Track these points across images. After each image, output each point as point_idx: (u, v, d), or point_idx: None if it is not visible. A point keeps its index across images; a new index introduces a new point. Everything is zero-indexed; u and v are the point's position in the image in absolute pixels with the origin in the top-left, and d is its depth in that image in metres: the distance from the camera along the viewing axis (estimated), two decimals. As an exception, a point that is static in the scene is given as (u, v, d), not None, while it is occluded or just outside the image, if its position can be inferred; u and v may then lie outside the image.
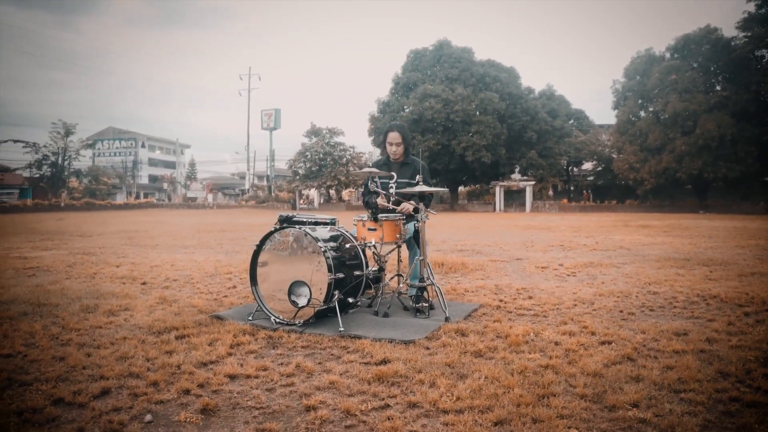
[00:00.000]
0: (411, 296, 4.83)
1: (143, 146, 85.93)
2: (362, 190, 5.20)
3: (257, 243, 4.44)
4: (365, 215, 4.64)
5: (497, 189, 46.25)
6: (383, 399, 2.69)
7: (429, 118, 43.21)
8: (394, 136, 5.09)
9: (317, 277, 4.14)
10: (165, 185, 76.30)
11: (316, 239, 4.15)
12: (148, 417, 2.54)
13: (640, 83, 40.12)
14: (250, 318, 4.35)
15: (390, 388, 2.84)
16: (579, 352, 3.46)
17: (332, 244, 4.30)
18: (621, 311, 4.73)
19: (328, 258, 4.08)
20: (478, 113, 44.26)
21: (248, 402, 2.70)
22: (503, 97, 45.16)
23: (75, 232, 16.32)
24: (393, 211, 4.83)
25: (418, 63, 48.65)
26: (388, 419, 2.44)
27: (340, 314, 4.33)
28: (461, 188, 55.31)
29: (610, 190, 47.24)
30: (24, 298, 5.29)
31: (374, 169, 4.70)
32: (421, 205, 4.55)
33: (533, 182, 45.61)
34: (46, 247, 11.19)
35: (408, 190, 4.59)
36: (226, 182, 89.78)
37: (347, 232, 4.61)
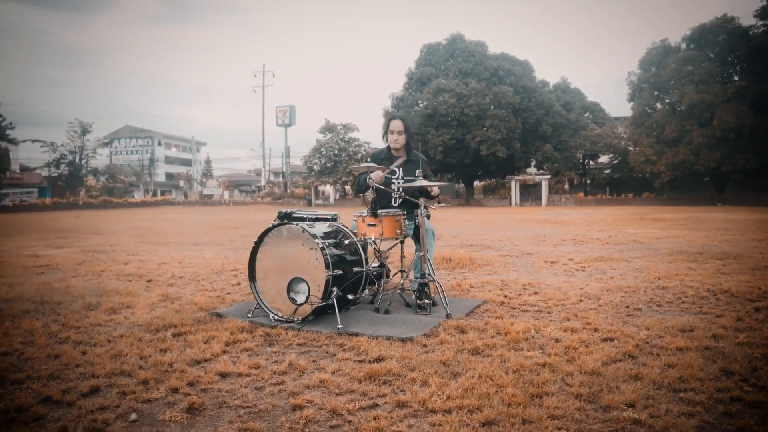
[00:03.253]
0: (414, 292, 4.76)
1: (159, 144, 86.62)
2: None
3: (255, 240, 4.40)
4: (365, 211, 4.58)
5: (513, 183, 45.99)
6: (372, 398, 2.64)
7: (443, 113, 43.05)
8: (396, 124, 5.04)
9: (315, 273, 4.09)
10: (181, 183, 76.87)
11: (314, 236, 4.10)
12: (133, 416, 2.51)
13: (655, 75, 39.66)
14: (250, 315, 4.31)
15: (381, 386, 2.78)
16: (579, 349, 3.37)
17: (330, 240, 4.24)
18: (627, 307, 4.63)
19: (326, 255, 4.03)
20: (492, 107, 44.03)
21: (235, 401, 2.66)
22: (517, 90, 44.84)
23: (89, 230, 16.47)
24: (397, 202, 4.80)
25: (432, 57, 48.49)
26: (374, 419, 2.39)
27: (340, 311, 4.29)
28: (477, 183, 55.06)
29: (626, 183, 46.80)
30: (28, 295, 5.31)
31: (372, 164, 4.64)
32: (421, 200, 4.48)
33: (549, 176, 45.30)
34: (59, 245, 11.28)
35: (415, 184, 4.51)
36: (242, 179, 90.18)
37: (347, 228, 4.56)
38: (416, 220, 4.64)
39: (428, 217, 5.09)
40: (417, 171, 4.61)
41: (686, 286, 5.51)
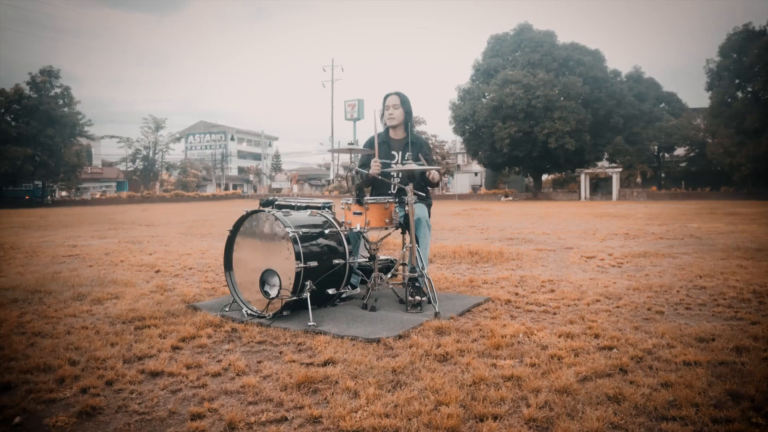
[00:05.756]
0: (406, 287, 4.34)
1: (232, 139, 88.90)
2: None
3: (230, 228, 4.12)
4: (352, 199, 4.21)
5: (582, 177, 44.30)
6: (287, 410, 2.26)
7: (510, 105, 41.88)
8: (392, 99, 4.74)
9: (286, 265, 3.75)
10: (251, 177, 78.66)
11: (286, 224, 3.76)
12: (17, 419, 2.25)
13: (736, 61, 36.98)
14: (226, 309, 4.03)
15: (304, 396, 2.41)
16: (565, 359, 2.87)
17: (307, 230, 3.89)
18: (649, 309, 4.04)
19: (297, 244, 3.69)
20: (561, 98, 42.48)
21: (137, 405, 2.35)
22: (587, 81, 43.08)
23: (145, 222, 16.84)
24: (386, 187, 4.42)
25: (499, 48, 47.35)
26: (269, 437, 2.02)
27: (323, 306, 4.01)
28: (545, 176, 53.45)
29: (703, 177, 44.11)
30: (26, 285, 5.25)
31: (363, 149, 4.26)
32: (409, 187, 4.05)
33: (620, 169, 43.34)
34: (103, 236, 11.49)
35: (405, 168, 4.08)
36: (312, 173, 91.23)
37: (333, 218, 4.20)
38: (405, 209, 4.22)
39: (429, 206, 4.67)
40: (407, 154, 4.19)
41: (728, 286, 4.82)
